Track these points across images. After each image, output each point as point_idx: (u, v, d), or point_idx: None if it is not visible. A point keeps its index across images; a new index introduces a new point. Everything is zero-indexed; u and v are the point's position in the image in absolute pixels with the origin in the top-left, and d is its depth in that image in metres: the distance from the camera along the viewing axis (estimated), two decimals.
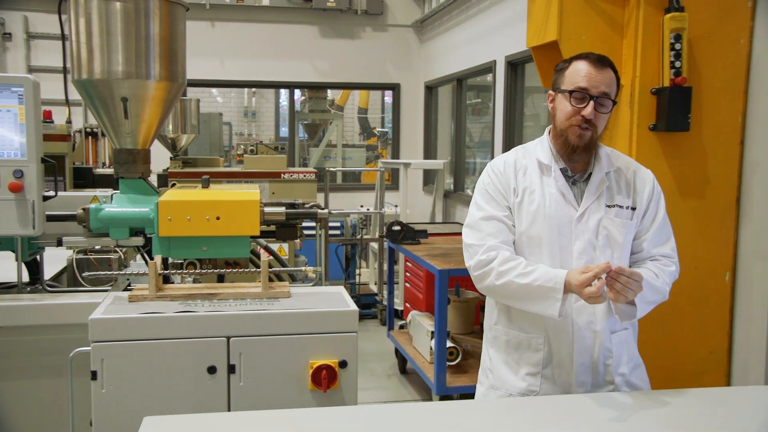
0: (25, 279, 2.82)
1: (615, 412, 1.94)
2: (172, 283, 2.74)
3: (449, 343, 4.37)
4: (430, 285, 5.47)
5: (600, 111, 2.06)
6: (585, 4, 3.06)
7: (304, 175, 5.78)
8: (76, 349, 2.25)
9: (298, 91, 10.00)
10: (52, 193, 2.65)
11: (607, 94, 2.06)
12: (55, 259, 3.43)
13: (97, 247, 3.40)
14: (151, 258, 2.54)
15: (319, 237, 2.93)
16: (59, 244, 2.72)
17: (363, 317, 6.70)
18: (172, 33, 2.67)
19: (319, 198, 5.78)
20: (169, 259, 2.66)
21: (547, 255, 2.11)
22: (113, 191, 2.76)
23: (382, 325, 6.51)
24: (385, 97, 13.62)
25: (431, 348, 4.48)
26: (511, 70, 6.24)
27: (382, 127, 13.90)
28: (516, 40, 5.80)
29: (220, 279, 2.72)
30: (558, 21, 3.03)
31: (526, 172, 2.17)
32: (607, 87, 2.06)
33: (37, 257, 2.83)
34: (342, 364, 2.31)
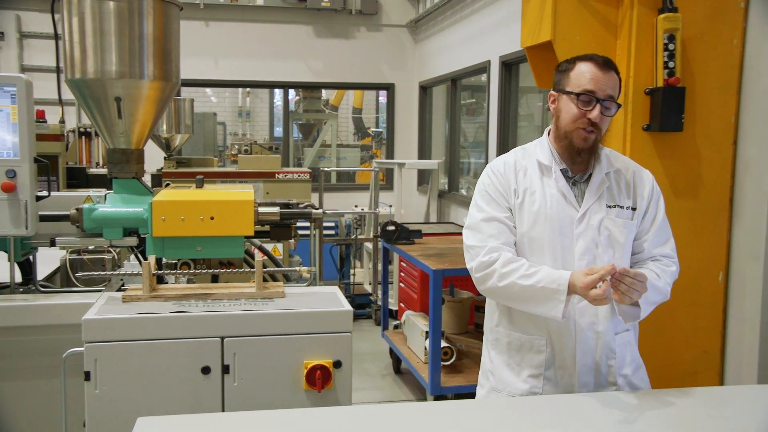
0: (18, 279, 2.81)
1: (614, 410, 1.94)
2: (166, 283, 2.74)
3: (444, 343, 4.37)
4: (424, 285, 5.48)
5: (605, 114, 2.06)
6: (579, 5, 3.06)
7: (299, 175, 5.77)
8: (70, 349, 2.25)
9: (292, 91, 9.99)
10: (45, 193, 2.64)
11: (612, 97, 2.06)
12: (48, 260, 3.42)
13: (90, 247, 3.39)
14: (145, 258, 2.53)
15: (314, 237, 2.92)
16: (52, 244, 2.71)
17: (357, 317, 6.70)
18: (166, 32, 2.66)
19: (314, 198, 5.78)
20: (163, 260, 2.66)
21: (549, 256, 2.10)
22: (107, 191, 2.75)
23: (377, 325, 6.51)
24: (380, 97, 13.62)
25: (426, 348, 4.48)
26: (505, 71, 6.24)
27: (377, 127, 13.91)
28: (510, 40, 5.80)
29: (214, 279, 2.72)
30: (552, 21, 3.03)
31: (526, 173, 2.16)
32: (612, 90, 2.06)
33: (30, 257, 2.82)
34: (336, 364, 2.31)
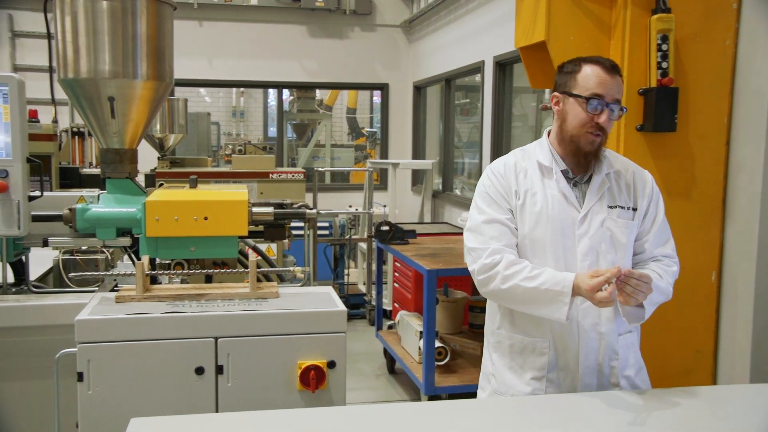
0: (11, 280, 2.80)
1: (614, 410, 1.94)
2: (160, 283, 2.73)
3: (438, 343, 4.37)
4: (418, 285, 5.48)
5: (611, 118, 2.06)
6: (573, 5, 3.07)
7: (293, 175, 5.77)
8: (63, 350, 2.23)
9: (286, 91, 9.98)
10: (37, 193, 2.63)
11: (618, 100, 2.06)
12: (41, 260, 3.40)
13: (83, 247, 3.37)
14: (139, 258, 2.52)
15: (308, 237, 2.92)
16: (45, 244, 2.70)
17: (351, 317, 6.69)
18: (160, 32, 2.66)
19: (308, 198, 5.77)
20: (157, 260, 2.65)
21: (551, 257, 2.09)
22: (100, 191, 2.74)
23: (371, 325, 6.51)
24: (374, 97, 13.62)
25: (420, 348, 4.48)
26: (499, 71, 6.25)
27: (371, 127, 13.90)
28: (504, 40, 5.81)
29: (208, 279, 2.71)
30: (546, 21, 3.04)
31: (526, 174, 2.15)
32: (618, 94, 2.06)
33: (23, 258, 2.80)
34: (330, 365, 2.31)
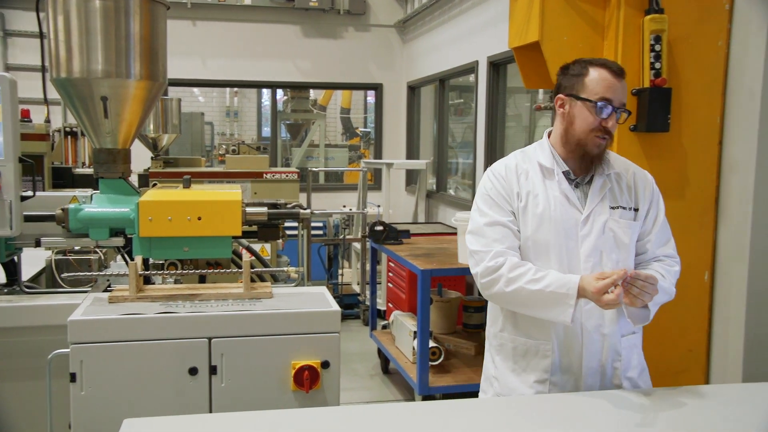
0: (2, 280, 2.79)
1: (614, 409, 1.94)
2: (153, 283, 2.72)
3: (432, 343, 4.37)
4: (412, 285, 5.48)
5: (618, 121, 2.07)
6: (566, 5, 3.08)
7: (287, 175, 5.76)
8: (55, 351, 2.22)
9: (280, 91, 9.96)
10: (30, 193, 2.61)
11: (624, 104, 2.08)
12: (33, 260, 3.39)
13: (76, 247, 3.36)
14: (132, 259, 2.51)
15: (302, 237, 2.92)
16: (37, 244, 2.69)
17: (345, 317, 6.69)
18: (153, 31, 2.65)
19: (302, 198, 5.77)
20: (150, 260, 2.64)
21: (555, 259, 2.08)
22: (93, 191, 2.73)
23: (365, 325, 6.51)
24: (368, 97, 13.62)
25: (414, 348, 4.48)
26: (493, 71, 6.26)
27: (365, 127, 13.90)
28: (498, 40, 5.82)
29: (202, 280, 2.71)
30: (539, 22, 3.05)
31: (527, 176, 2.15)
32: (624, 98, 2.08)
33: (15, 258, 2.79)
34: (324, 365, 2.30)
